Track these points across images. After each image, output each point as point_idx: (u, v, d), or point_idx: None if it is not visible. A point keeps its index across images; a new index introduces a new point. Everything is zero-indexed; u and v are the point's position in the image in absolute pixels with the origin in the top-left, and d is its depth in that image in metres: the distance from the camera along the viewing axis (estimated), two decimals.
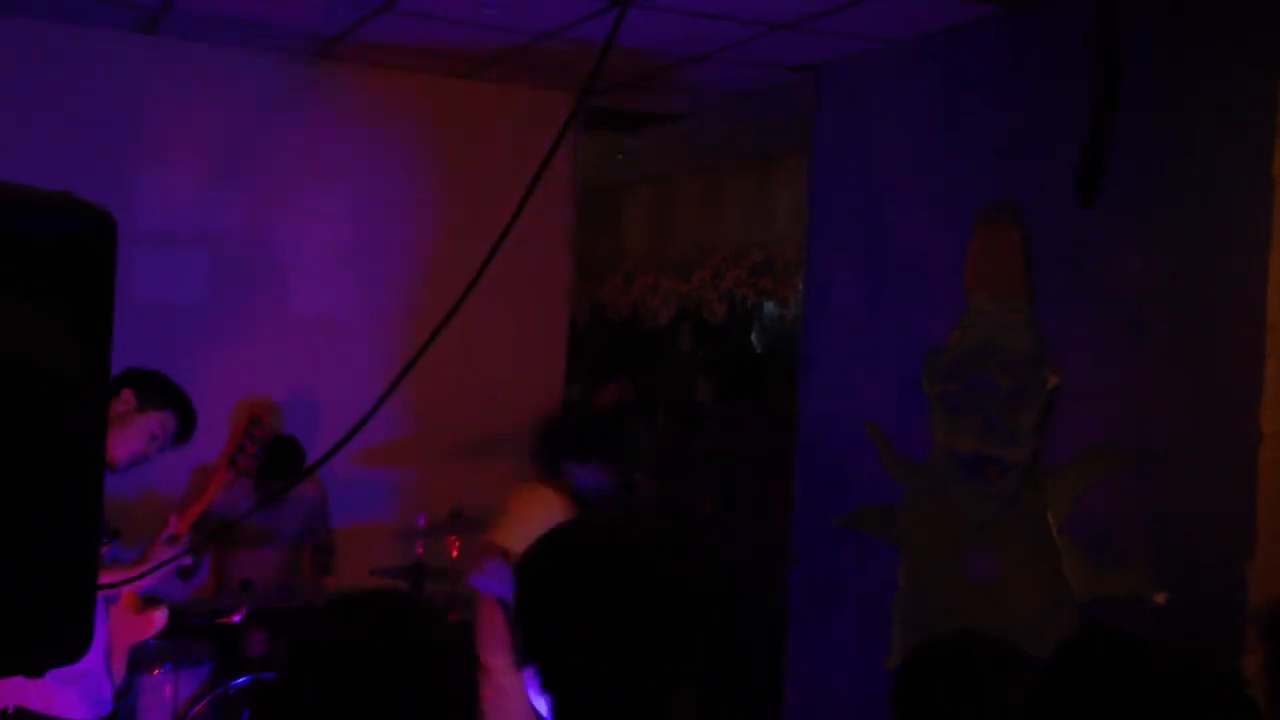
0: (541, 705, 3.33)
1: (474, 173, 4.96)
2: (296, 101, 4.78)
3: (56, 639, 1.50)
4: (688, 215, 8.57)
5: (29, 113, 4.33)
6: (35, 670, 1.50)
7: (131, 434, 3.14)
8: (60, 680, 3.07)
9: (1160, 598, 3.04)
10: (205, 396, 4.39)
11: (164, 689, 3.85)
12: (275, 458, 4.31)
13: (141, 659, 3.79)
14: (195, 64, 4.63)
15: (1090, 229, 3.33)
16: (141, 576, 3.01)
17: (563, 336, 5.34)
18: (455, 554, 4.36)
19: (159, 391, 3.17)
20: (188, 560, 3.17)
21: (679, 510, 5.76)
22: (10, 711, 3.07)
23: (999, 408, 3.61)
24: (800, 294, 5.39)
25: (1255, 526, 2.85)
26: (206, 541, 4.16)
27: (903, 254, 4.11)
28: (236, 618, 4.06)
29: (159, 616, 3.21)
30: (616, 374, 6.17)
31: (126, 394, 3.16)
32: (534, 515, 3.40)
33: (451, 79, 5.04)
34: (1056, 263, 3.47)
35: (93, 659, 3.12)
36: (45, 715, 3.07)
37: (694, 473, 5.80)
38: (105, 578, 2.97)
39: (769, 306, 7.54)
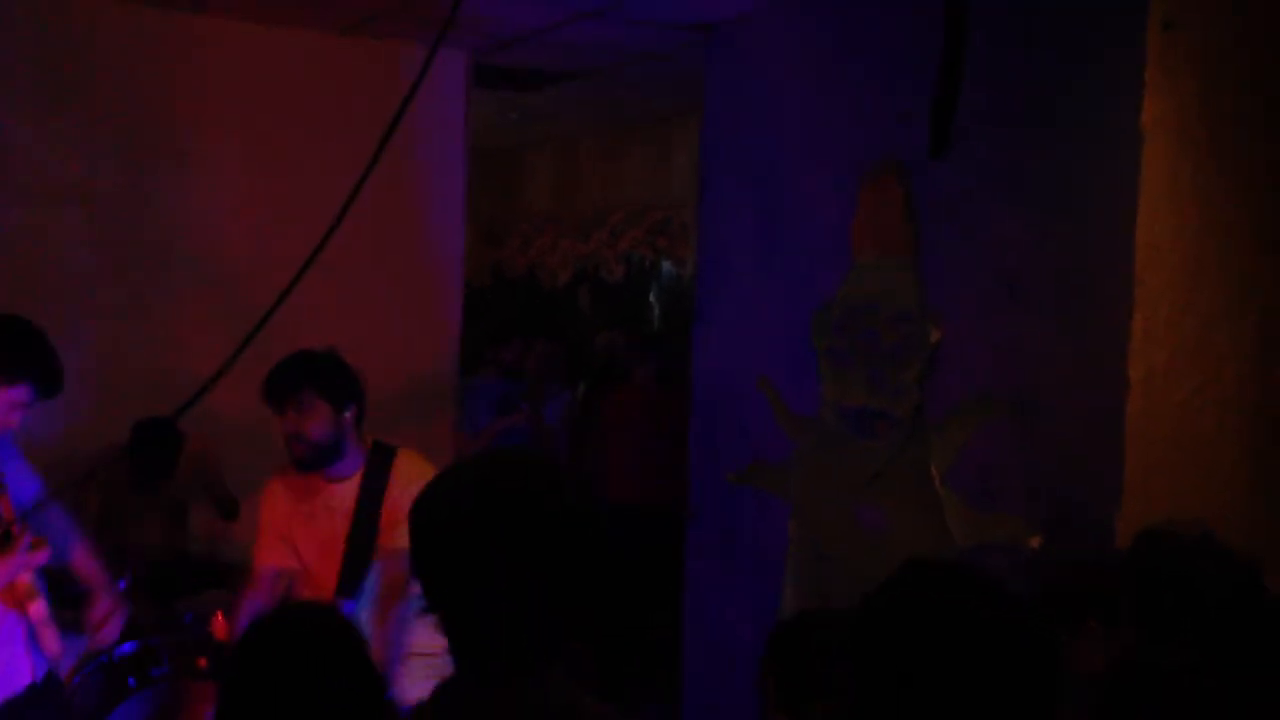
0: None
1: (359, 131, 4.86)
2: (177, 56, 4.63)
3: None
4: (587, 176, 8.54)
5: None
6: None
7: None
8: None
9: (1035, 542, 3.14)
10: (89, 360, 4.27)
11: None
12: (146, 441, 4.19)
13: None
14: (73, 15, 4.46)
15: (968, 185, 3.40)
16: None
17: (458, 298, 5.30)
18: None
19: (8, 366, 2.88)
20: (42, 560, 2.97)
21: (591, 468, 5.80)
22: None
23: (884, 362, 3.67)
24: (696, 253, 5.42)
25: (1123, 474, 2.95)
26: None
27: (794, 211, 4.15)
28: (121, 584, 3.97)
29: (38, 607, 2.97)
30: (513, 336, 6.15)
31: None
32: None
33: (333, 35, 4.93)
34: (938, 219, 3.53)
35: None
36: None
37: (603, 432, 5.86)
38: None
39: (667, 266, 7.57)
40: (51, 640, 3.06)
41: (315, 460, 3.24)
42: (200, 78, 4.67)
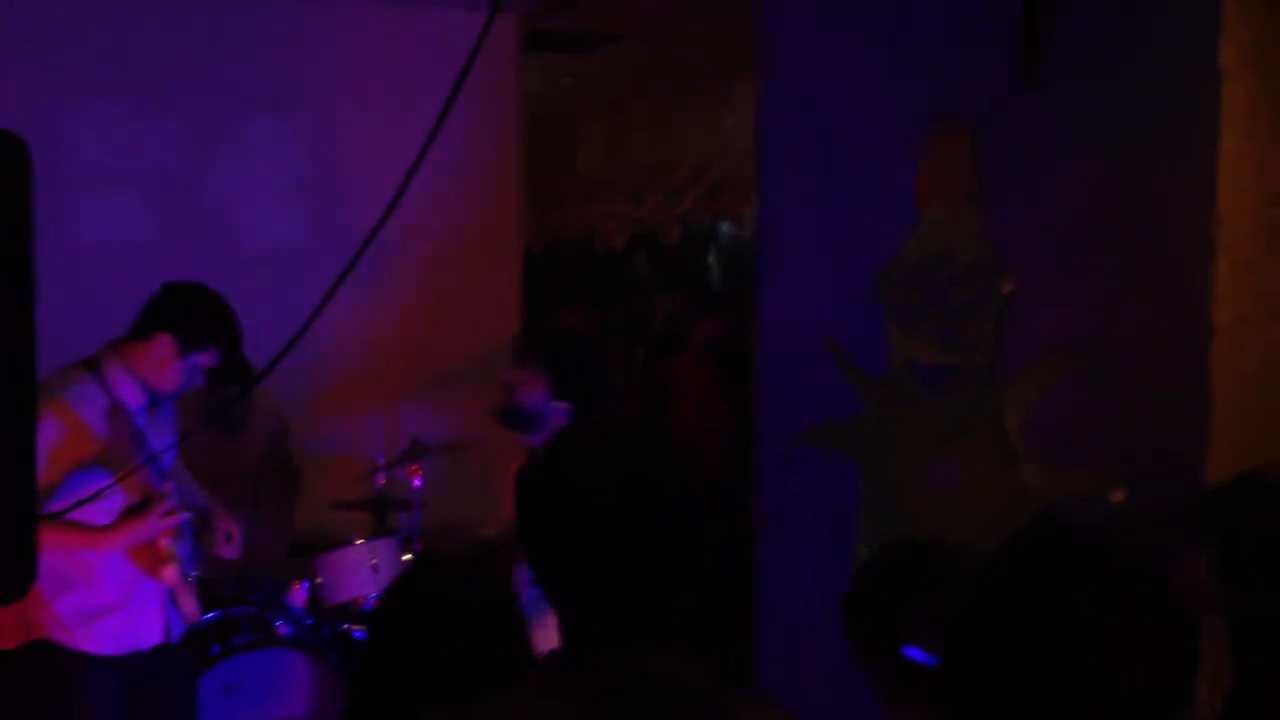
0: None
1: (417, 99, 4.85)
2: (237, 31, 4.64)
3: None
4: (641, 138, 8.48)
5: None
6: None
7: (172, 375, 3.14)
8: (82, 618, 3.11)
9: (1118, 496, 3.07)
10: None
11: None
12: (218, 370, 4.23)
13: None
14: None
15: (1039, 131, 3.31)
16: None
17: (517, 264, 5.29)
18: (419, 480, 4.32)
19: (201, 336, 3.14)
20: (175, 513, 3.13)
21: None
22: (31, 640, 3.10)
23: (954, 317, 3.60)
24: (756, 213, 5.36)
25: (1209, 422, 2.87)
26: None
27: (856, 166, 4.07)
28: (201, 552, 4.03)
29: (170, 572, 3.18)
30: (570, 300, 6.12)
31: (165, 340, 3.12)
32: None
33: (391, 6, 4.91)
34: (1007, 169, 3.44)
35: (117, 597, 3.14)
36: (64, 649, 3.10)
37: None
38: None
39: (725, 226, 7.50)
40: (189, 603, 3.25)
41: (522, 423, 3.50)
42: (255, 54, 4.67)
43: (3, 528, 1.42)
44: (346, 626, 4.06)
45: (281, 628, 3.97)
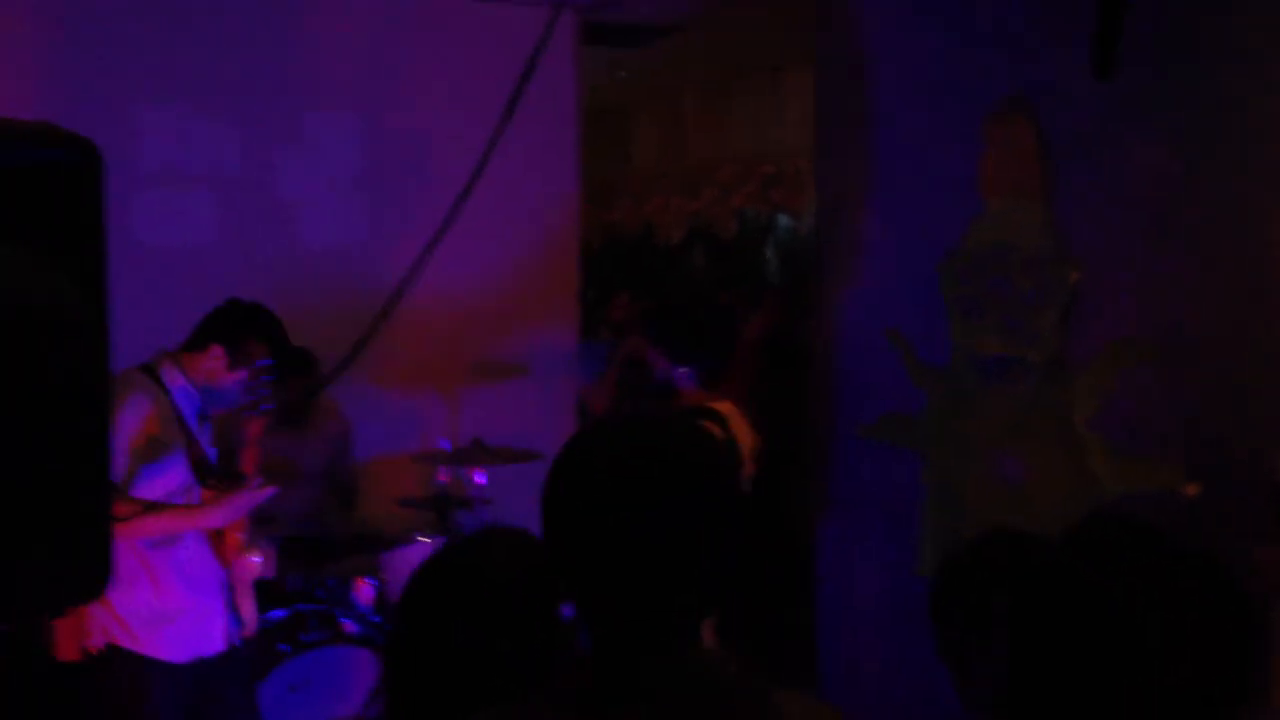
0: None
1: (476, 95, 4.86)
2: (291, 26, 4.68)
3: (71, 578, 1.48)
4: (696, 131, 8.44)
5: (16, 54, 4.25)
6: (55, 610, 1.50)
7: (224, 388, 3.19)
8: (147, 620, 3.12)
9: (1191, 490, 3.00)
10: None
11: None
12: (288, 368, 4.28)
13: None
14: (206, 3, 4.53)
15: (1108, 119, 3.24)
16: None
17: (575, 258, 5.29)
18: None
19: (252, 351, 3.17)
20: (259, 493, 3.19)
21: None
22: (101, 649, 3.11)
23: (1018, 308, 3.55)
24: (814, 205, 5.31)
25: None
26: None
27: (916, 156, 4.02)
28: (272, 548, 4.07)
29: (251, 562, 3.23)
30: (620, 292, 6.06)
31: (217, 350, 3.16)
32: None
33: (447, 1, 4.93)
34: (1073, 156, 3.38)
35: (182, 601, 3.16)
36: (132, 654, 3.11)
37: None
38: (173, 515, 3.06)
39: (783, 219, 7.45)
40: (248, 608, 3.30)
41: None
42: (316, 53, 4.71)
43: (80, 529, 1.44)
44: None
45: (348, 625, 4.00)
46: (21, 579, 1.39)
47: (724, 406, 3.59)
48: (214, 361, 3.16)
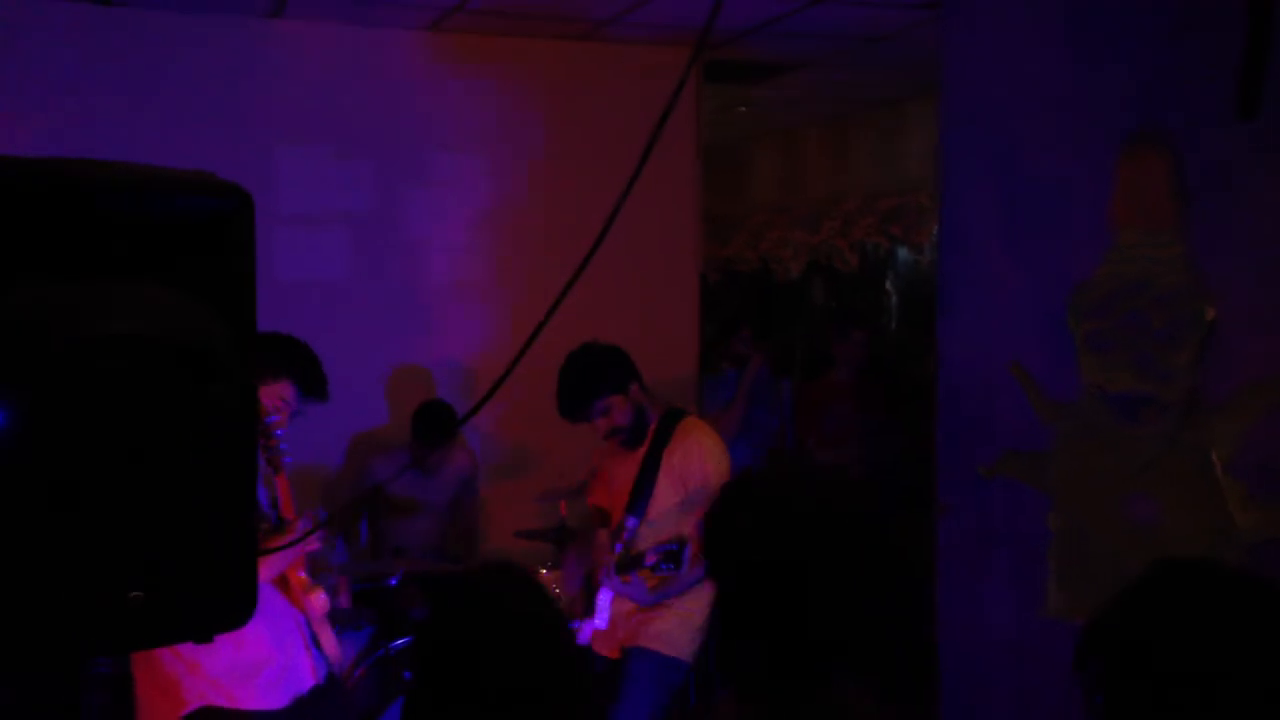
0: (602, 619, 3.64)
1: (599, 134, 4.95)
2: (421, 73, 4.83)
3: (220, 606, 1.55)
4: (815, 165, 8.43)
5: (168, 103, 4.47)
6: (203, 636, 1.56)
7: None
8: (238, 676, 3.08)
9: None
10: (360, 367, 4.53)
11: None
12: (427, 421, 4.40)
13: None
14: (321, 43, 4.71)
15: (1247, 150, 3.14)
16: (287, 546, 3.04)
17: (694, 293, 5.32)
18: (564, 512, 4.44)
19: (270, 362, 3.09)
20: (314, 546, 3.17)
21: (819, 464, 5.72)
22: (192, 711, 3.06)
23: (1152, 345, 3.45)
24: (935, 238, 5.25)
25: None
26: (357, 510, 4.27)
27: (1043, 189, 3.95)
28: (392, 581, 4.18)
29: (318, 599, 3.20)
30: (739, 326, 6.08)
31: None
32: None
33: (570, 41, 5.03)
34: (1210, 189, 3.29)
35: (265, 648, 3.12)
36: (232, 711, 3.07)
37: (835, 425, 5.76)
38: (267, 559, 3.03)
39: (903, 253, 7.38)
40: (329, 641, 3.24)
41: (635, 439, 3.77)
42: (442, 93, 4.85)
43: (227, 559, 1.50)
44: None
45: None
46: (171, 605, 1.46)
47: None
48: None
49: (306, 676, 3.22)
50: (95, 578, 1.40)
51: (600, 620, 3.62)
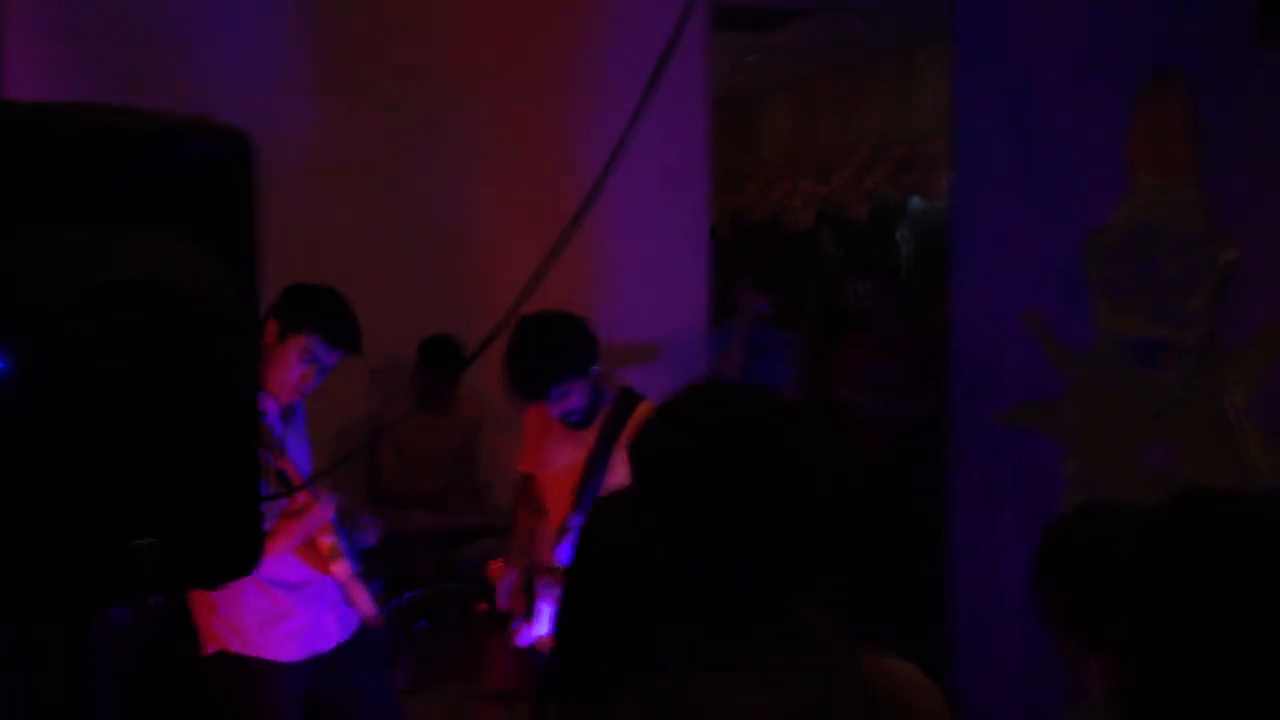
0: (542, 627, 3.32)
1: (606, 79, 4.89)
2: (434, 25, 4.77)
3: (226, 554, 1.54)
4: (826, 115, 8.35)
5: (170, 51, 4.42)
6: (210, 584, 1.56)
7: (281, 365, 3.00)
8: (258, 622, 3.07)
9: None
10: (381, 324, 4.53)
11: None
12: (435, 350, 4.37)
13: None
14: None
15: (1265, 91, 3.09)
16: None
17: (704, 244, 5.28)
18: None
19: (293, 315, 3.01)
20: (328, 512, 3.07)
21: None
22: (210, 654, 3.09)
23: (1168, 289, 3.42)
24: (948, 187, 5.20)
25: None
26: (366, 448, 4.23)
27: (1057, 135, 3.90)
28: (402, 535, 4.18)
29: (337, 568, 3.12)
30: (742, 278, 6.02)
31: (271, 325, 3.00)
32: None
33: None
34: (1228, 132, 3.24)
35: (288, 601, 3.10)
36: (245, 657, 3.07)
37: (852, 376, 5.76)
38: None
39: (915, 202, 7.32)
40: (363, 600, 3.18)
41: (586, 421, 3.34)
42: (454, 45, 4.80)
43: (232, 506, 1.49)
44: None
45: (483, 605, 4.08)
46: (178, 553, 1.45)
47: None
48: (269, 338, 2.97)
49: (330, 636, 3.19)
50: (101, 525, 1.39)
51: (544, 627, 3.31)
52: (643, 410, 3.35)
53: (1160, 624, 1.26)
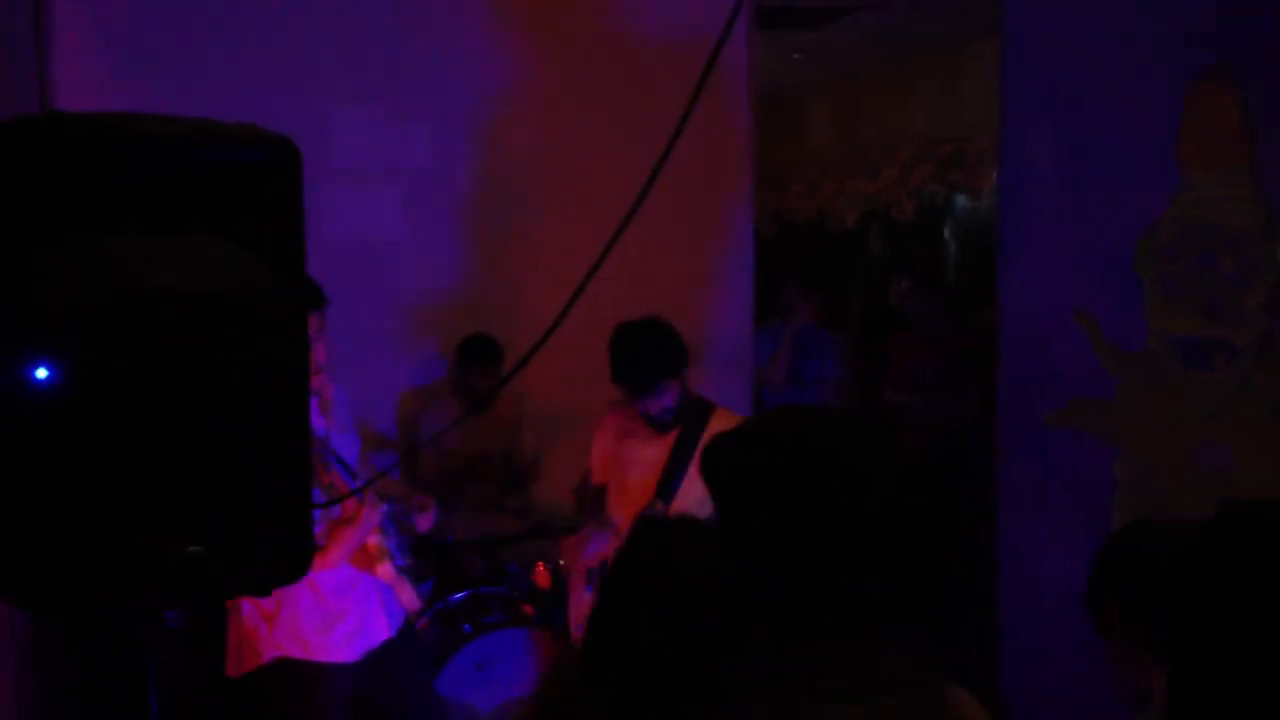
0: None
1: (651, 80, 4.88)
2: (468, 24, 4.79)
3: (277, 559, 1.55)
4: (871, 113, 8.29)
5: (215, 61, 4.47)
6: (261, 589, 1.57)
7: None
8: (314, 628, 3.12)
9: None
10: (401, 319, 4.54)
11: None
12: (473, 348, 4.39)
13: None
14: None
15: None
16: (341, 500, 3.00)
17: (749, 244, 5.26)
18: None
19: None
20: (376, 519, 3.13)
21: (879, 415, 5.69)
22: (269, 662, 3.11)
23: (1223, 288, 3.36)
24: (994, 184, 5.14)
25: None
26: (413, 466, 4.28)
27: (1107, 130, 3.84)
28: (449, 539, 4.20)
29: (383, 570, 3.18)
30: (791, 281, 6.01)
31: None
32: None
33: None
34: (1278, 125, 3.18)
35: (342, 602, 3.15)
36: (306, 662, 3.11)
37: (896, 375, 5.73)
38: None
39: (961, 199, 7.25)
40: (408, 596, 3.25)
41: (673, 422, 3.59)
42: (495, 47, 4.82)
43: (283, 511, 1.50)
44: None
45: (529, 607, 4.09)
46: (229, 558, 1.46)
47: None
48: None
49: (380, 630, 3.26)
50: (152, 531, 1.41)
51: None
52: (719, 418, 3.57)
53: (1204, 637, 1.24)
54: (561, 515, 4.51)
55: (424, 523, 3.48)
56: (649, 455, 3.62)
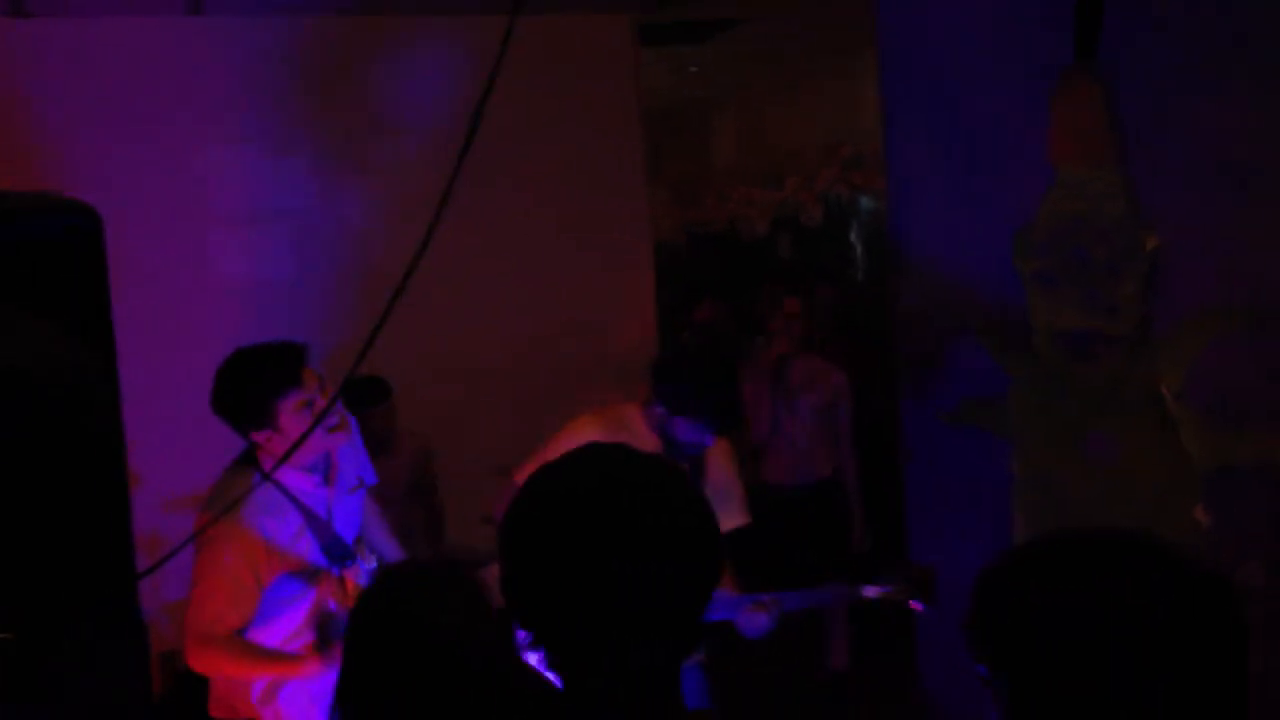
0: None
1: (534, 109, 4.88)
2: (351, 59, 4.75)
3: (101, 628, 1.51)
4: (773, 122, 8.35)
5: (93, 109, 4.39)
6: (84, 658, 1.52)
7: (288, 435, 2.83)
8: (305, 700, 2.95)
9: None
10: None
11: None
12: (356, 386, 4.29)
13: None
14: (245, 37, 4.63)
15: (1175, 74, 3.09)
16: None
17: (649, 261, 5.27)
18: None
19: (256, 388, 2.89)
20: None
21: None
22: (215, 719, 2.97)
23: (1099, 279, 3.41)
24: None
25: None
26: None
27: (984, 130, 3.89)
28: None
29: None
30: (705, 294, 6.06)
31: (257, 412, 2.85)
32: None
33: (500, 16, 4.94)
34: (1142, 118, 3.24)
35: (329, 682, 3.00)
36: None
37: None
38: None
39: (865, 201, 7.32)
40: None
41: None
42: (374, 81, 4.78)
43: (104, 578, 1.46)
44: None
45: None
46: (50, 639, 1.42)
47: None
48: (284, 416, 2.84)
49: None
50: None
51: None
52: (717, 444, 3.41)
53: (1009, 669, 1.25)
54: (473, 547, 4.46)
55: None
56: None
